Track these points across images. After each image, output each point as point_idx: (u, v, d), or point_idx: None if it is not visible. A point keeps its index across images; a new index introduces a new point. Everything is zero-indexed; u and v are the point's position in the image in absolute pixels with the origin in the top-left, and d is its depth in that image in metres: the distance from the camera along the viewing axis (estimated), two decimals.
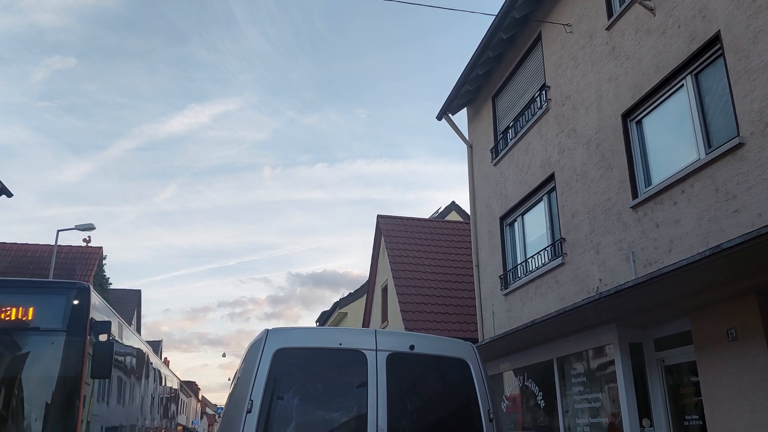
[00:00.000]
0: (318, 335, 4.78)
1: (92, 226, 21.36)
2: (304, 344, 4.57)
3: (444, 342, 4.96)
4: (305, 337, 4.67)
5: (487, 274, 13.81)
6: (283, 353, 4.40)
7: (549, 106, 11.23)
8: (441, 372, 4.79)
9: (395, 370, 4.48)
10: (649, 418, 8.04)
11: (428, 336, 5.03)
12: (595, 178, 9.63)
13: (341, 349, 4.53)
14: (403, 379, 4.51)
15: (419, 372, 4.68)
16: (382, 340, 4.62)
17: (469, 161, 15.09)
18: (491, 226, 13.68)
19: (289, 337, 4.57)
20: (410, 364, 4.60)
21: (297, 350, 4.50)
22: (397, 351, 4.59)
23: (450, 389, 4.82)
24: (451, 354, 4.81)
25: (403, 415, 4.40)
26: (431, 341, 4.90)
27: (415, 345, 4.67)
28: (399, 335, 4.88)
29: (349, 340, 4.59)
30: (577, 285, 9.92)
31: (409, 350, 4.64)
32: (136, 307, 38.05)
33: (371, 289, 21.45)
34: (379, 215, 20.45)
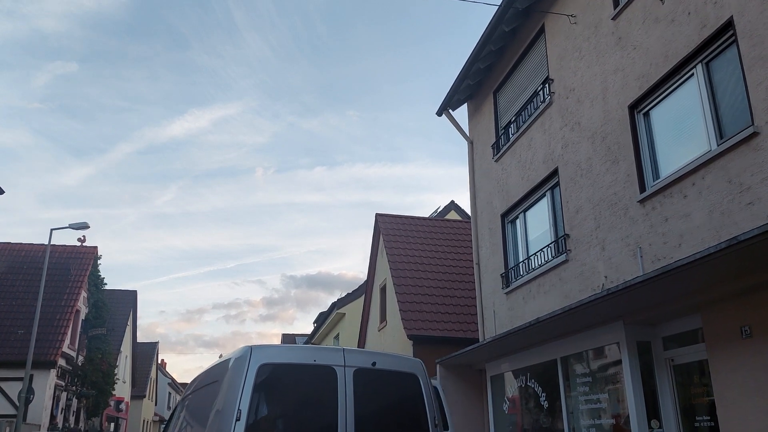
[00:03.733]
0: (295, 352, 5.43)
1: (86, 225, 21.04)
2: (283, 360, 5.18)
3: (399, 359, 5.78)
4: (284, 354, 5.33)
5: (488, 272, 13.52)
6: (265, 368, 4.96)
7: (552, 100, 10.97)
8: (397, 384, 5.49)
9: (360, 383, 5.18)
10: (657, 420, 7.76)
11: (387, 354, 5.84)
12: (600, 173, 9.36)
13: (315, 365, 5.18)
14: (366, 390, 5.18)
15: (379, 384, 5.36)
16: (349, 358, 5.31)
17: (469, 158, 14.82)
18: (492, 223, 13.40)
19: (270, 353, 5.15)
20: (372, 378, 5.30)
21: (277, 365, 5.08)
22: (361, 367, 5.30)
23: (404, 399, 5.50)
24: (405, 369, 5.60)
25: (367, 421, 5.06)
26: (389, 358, 5.67)
27: (376, 362, 5.42)
28: (363, 353, 5.58)
29: (322, 357, 5.26)
30: (581, 282, 9.64)
31: (372, 366, 5.37)
32: (132, 307, 37.67)
33: (369, 288, 21.15)
34: (377, 214, 20.18)
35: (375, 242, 20.59)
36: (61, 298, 24.35)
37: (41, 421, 21.45)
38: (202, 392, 5.69)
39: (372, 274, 20.99)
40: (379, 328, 19.44)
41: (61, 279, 25.17)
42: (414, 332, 15.62)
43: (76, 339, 25.32)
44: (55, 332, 22.92)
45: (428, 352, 15.17)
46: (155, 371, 52.18)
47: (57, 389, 23.18)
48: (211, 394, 5.18)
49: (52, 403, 22.70)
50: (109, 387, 28.12)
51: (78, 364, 25.53)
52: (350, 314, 26.53)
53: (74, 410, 25.81)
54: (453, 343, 15.17)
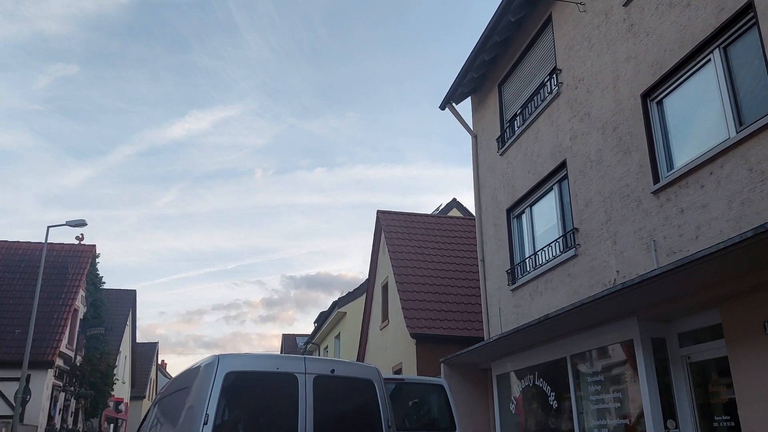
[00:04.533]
0: (259, 361, 5.74)
1: (83, 222, 20.74)
2: (248, 368, 5.50)
3: (357, 366, 6.21)
4: (249, 362, 5.62)
5: (493, 269, 13.22)
6: (231, 375, 5.28)
7: (560, 90, 10.66)
8: (354, 390, 5.83)
9: (320, 388, 5.53)
10: (674, 420, 7.45)
11: (344, 361, 6.27)
12: (611, 164, 9.05)
13: (278, 372, 5.50)
14: (325, 395, 5.54)
15: (338, 390, 5.72)
16: (309, 365, 5.65)
17: (473, 152, 14.51)
18: (497, 218, 13.10)
19: (236, 362, 5.45)
20: (331, 383, 5.66)
21: (243, 373, 5.40)
22: (321, 374, 5.63)
23: (360, 403, 5.85)
24: (361, 375, 5.94)
25: (325, 423, 5.42)
26: (347, 366, 6.09)
27: (335, 369, 5.77)
28: (323, 361, 5.91)
29: (284, 365, 5.59)
30: (591, 278, 9.33)
31: (331, 373, 5.71)
32: (131, 307, 37.37)
33: (371, 287, 20.85)
34: (379, 211, 19.89)
35: (376, 240, 20.29)
36: (59, 297, 24.05)
37: (38, 422, 21.14)
38: (174, 396, 6.01)
39: (373, 272, 20.69)
40: (381, 327, 19.14)
41: (59, 278, 24.87)
42: (417, 331, 15.32)
43: (74, 339, 25.03)
44: (53, 332, 22.61)
45: (431, 351, 14.91)
46: (155, 372, 51.88)
47: (54, 389, 22.88)
48: (182, 399, 5.56)
49: (50, 403, 22.40)
50: (107, 387, 27.82)
51: (76, 364, 25.23)
52: (351, 313, 26.23)
53: (72, 411, 25.50)
54: (457, 341, 14.89)
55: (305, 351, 39.48)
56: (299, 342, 56.09)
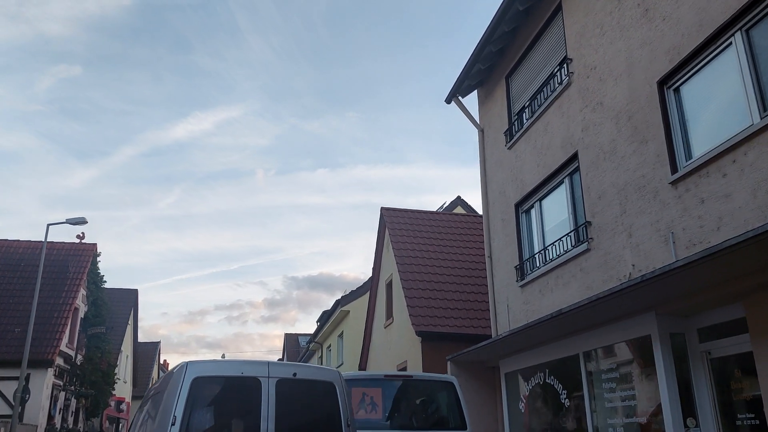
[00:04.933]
0: (225, 366, 6.16)
1: (84, 220, 20.48)
2: (214, 373, 5.91)
3: (318, 369, 6.52)
4: (216, 367, 6.04)
5: (500, 265, 12.93)
6: (198, 380, 5.68)
7: (571, 80, 10.37)
8: (315, 391, 6.17)
9: (282, 391, 5.88)
10: (693, 418, 7.16)
11: (307, 365, 6.55)
12: (626, 154, 8.76)
13: (242, 377, 5.89)
14: (287, 397, 5.90)
15: (299, 392, 6.04)
16: (272, 370, 6.01)
17: (480, 146, 14.22)
18: (505, 214, 12.80)
19: (203, 367, 5.87)
20: (293, 386, 6.00)
21: (209, 378, 5.82)
22: (283, 377, 5.98)
23: (321, 404, 6.16)
24: (323, 378, 6.29)
25: (286, 423, 5.77)
26: (309, 369, 6.40)
27: (297, 373, 6.11)
28: (286, 365, 6.28)
29: (249, 370, 5.95)
30: (605, 272, 9.04)
31: (293, 376, 6.05)
32: (133, 306, 37.16)
33: (375, 284, 20.58)
34: (383, 208, 19.61)
35: (380, 237, 20.02)
36: (59, 296, 23.80)
37: (38, 422, 20.88)
38: (152, 400, 6.46)
39: (377, 269, 20.41)
40: (386, 325, 18.86)
41: (60, 276, 24.62)
42: (422, 328, 15.04)
43: (74, 337, 24.78)
44: (53, 330, 22.36)
45: (437, 349, 14.63)
46: (157, 371, 51.61)
47: (55, 389, 22.63)
48: (157, 402, 6.00)
49: (50, 403, 22.15)
50: (108, 387, 27.57)
51: (77, 363, 24.98)
52: (355, 312, 25.96)
53: (73, 410, 25.24)
54: (463, 339, 14.62)
55: (308, 350, 39.21)
56: (302, 341, 55.87)
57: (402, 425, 6.95)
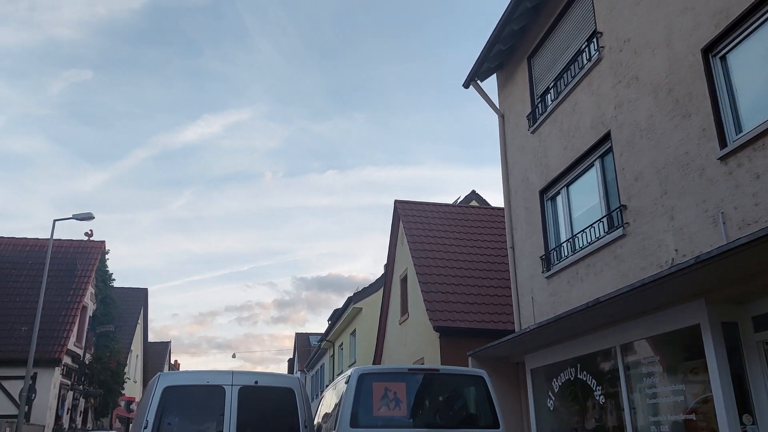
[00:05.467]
0: (193, 376, 7.06)
1: (91, 215, 20.01)
2: (183, 383, 6.76)
3: (279, 376, 7.31)
4: (185, 378, 7.03)
5: (524, 256, 12.27)
6: (169, 389, 6.49)
7: (602, 55, 9.71)
8: (275, 397, 6.84)
9: (244, 397, 6.58)
10: (750, 414, 6.50)
11: (268, 373, 7.56)
12: (666, 131, 8.09)
13: (208, 385, 6.64)
14: (249, 403, 6.58)
15: (260, 398, 6.73)
16: (236, 378, 6.74)
17: (500, 133, 13.58)
18: (529, 202, 12.15)
19: (174, 378, 6.83)
20: (255, 393, 6.71)
21: (179, 387, 6.62)
22: (246, 385, 6.69)
23: (281, 407, 6.80)
24: (282, 384, 6.99)
25: (246, 425, 6.51)
26: (270, 377, 7.18)
27: (258, 380, 6.82)
28: (248, 374, 6.95)
29: (214, 379, 6.72)
30: (643, 259, 8.37)
31: (254, 384, 6.75)
32: (143, 305, 36.75)
33: (389, 280, 19.96)
34: (396, 200, 19.00)
35: (394, 230, 19.40)
36: (67, 294, 23.36)
37: (45, 422, 20.43)
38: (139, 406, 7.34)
39: (391, 264, 19.80)
40: (400, 321, 18.25)
41: (68, 274, 24.19)
42: (440, 324, 14.41)
43: (83, 336, 24.33)
44: (60, 329, 21.91)
45: (455, 345, 14.00)
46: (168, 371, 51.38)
47: (62, 388, 22.18)
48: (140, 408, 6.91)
49: (57, 402, 21.69)
50: (118, 386, 27.13)
51: (85, 362, 24.53)
52: (368, 309, 25.37)
53: (81, 410, 24.79)
54: (483, 335, 13.96)
55: (319, 349, 38.67)
56: (312, 340, 55.39)
57: (427, 423, 6.34)
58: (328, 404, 8.35)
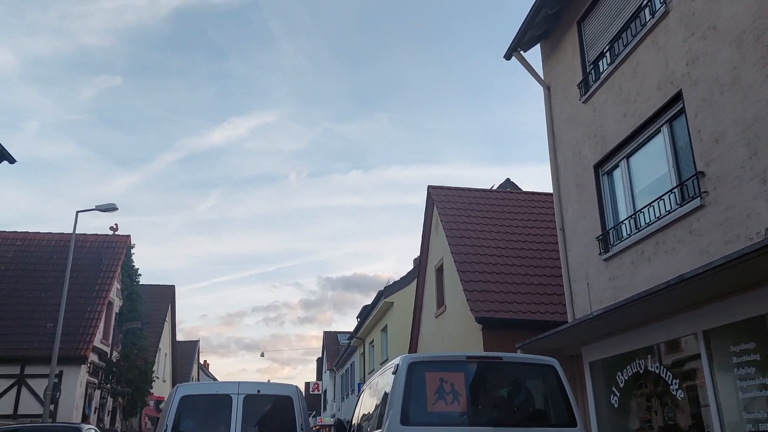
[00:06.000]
0: (205, 387, 9.19)
1: (114, 206, 19.40)
2: (197, 392, 8.07)
3: (278, 386, 8.44)
4: (198, 388, 8.72)
5: (576, 238, 11.21)
6: (185, 398, 7.71)
7: (669, 8, 8.62)
8: (276, 403, 7.96)
9: (248, 404, 7.71)
10: None
11: (269, 383, 8.75)
12: (755, 82, 6.99)
13: (218, 394, 7.85)
14: (253, 409, 7.73)
15: (263, 404, 7.90)
16: (241, 388, 7.83)
17: (546, 105, 12.51)
18: (581, 178, 11.08)
19: (189, 388, 8.10)
20: (257, 400, 7.84)
21: (193, 396, 7.86)
22: (249, 393, 7.80)
23: (280, 413, 7.89)
24: (281, 393, 8.07)
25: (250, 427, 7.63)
26: (271, 386, 8.39)
27: (260, 390, 7.97)
28: (252, 384, 8.01)
29: (223, 389, 7.95)
30: (727, 231, 7.28)
31: (257, 393, 7.88)
32: (170, 302, 36.31)
33: (423, 271, 18.99)
34: (430, 186, 18.02)
35: (428, 218, 18.42)
36: (92, 290, 22.84)
37: (71, 421, 19.86)
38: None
39: (425, 254, 18.82)
40: (436, 314, 17.27)
41: (93, 269, 23.68)
42: (483, 315, 13.39)
43: (109, 333, 23.81)
44: (86, 325, 21.38)
45: (500, 338, 12.98)
46: (197, 371, 50.99)
47: (89, 387, 21.64)
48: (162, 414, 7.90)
49: (84, 401, 21.16)
50: (146, 385, 26.55)
51: (112, 360, 24.00)
52: (400, 303, 24.47)
53: (109, 410, 24.28)
54: (528, 326, 12.93)
55: (348, 347, 37.85)
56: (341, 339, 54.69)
57: (491, 420, 5.37)
58: (368, 401, 7.44)
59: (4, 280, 22.74)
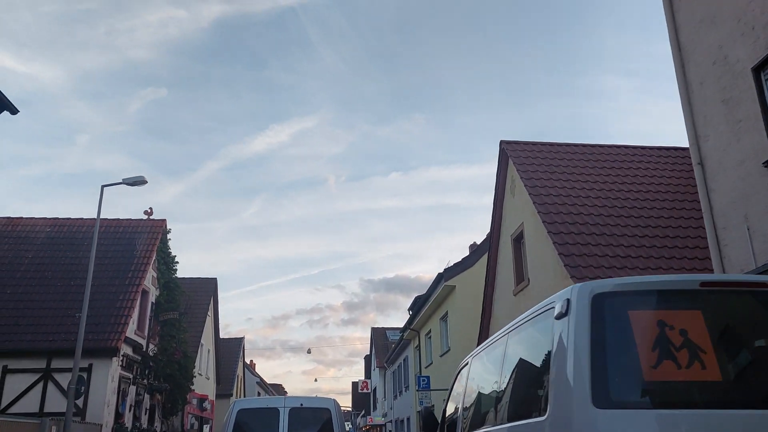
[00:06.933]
0: (257, 401, 11.43)
1: (143, 179, 17.30)
2: (251, 406, 9.96)
3: (318, 400, 10.37)
4: (252, 403, 10.51)
5: (724, 171, 8.45)
6: (242, 411, 9.52)
7: None
8: (316, 415, 9.63)
9: (293, 416, 9.37)
10: None
11: (310, 397, 11.02)
12: None
13: (268, 408, 9.66)
14: (296, 420, 9.36)
15: (305, 416, 9.51)
16: (287, 402, 9.67)
17: (666, 7, 9.75)
18: (730, 90, 8.31)
19: (245, 403, 10.02)
20: (301, 412, 9.51)
21: (248, 409, 9.73)
22: (294, 407, 9.52)
23: (320, 423, 9.50)
24: (321, 406, 9.85)
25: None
26: (312, 400, 10.26)
27: (303, 403, 9.72)
28: (296, 398, 9.98)
29: (272, 403, 9.82)
30: None
31: (300, 406, 9.59)
32: (212, 296, 34.38)
33: (495, 243, 16.31)
34: (503, 141, 15.38)
35: (500, 181, 15.74)
36: (125, 276, 20.86)
37: (103, 420, 17.86)
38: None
39: (497, 223, 16.13)
40: (516, 290, 14.58)
41: (126, 255, 21.74)
42: None
43: (145, 324, 21.81)
44: (118, 315, 19.37)
45: None
46: (242, 369, 49.16)
47: (122, 382, 19.62)
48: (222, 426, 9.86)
49: (117, 398, 19.13)
50: (186, 381, 24.50)
51: (149, 353, 22.01)
52: (462, 286, 21.80)
53: (146, 408, 22.25)
54: None
55: (401, 341, 35.32)
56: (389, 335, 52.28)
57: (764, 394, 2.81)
58: (482, 379, 4.95)
59: (32, 268, 20.97)
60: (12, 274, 20.63)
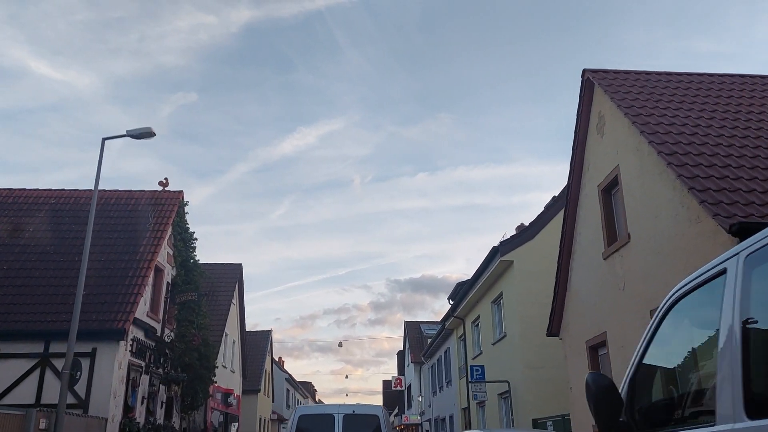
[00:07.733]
0: (315, 408, 13.92)
1: (149, 131, 14.77)
2: (310, 412, 11.78)
3: (368, 407, 11.79)
4: (311, 409, 13.37)
5: None
6: (302, 416, 11.13)
7: None
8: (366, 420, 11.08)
9: (346, 421, 10.86)
10: None
11: (361, 404, 11.94)
12: None
13: (324, 414, 11.23)
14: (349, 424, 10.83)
15: (357, 421, 10.95)
16: (341, 409, 11.20)
17: None
18: None
19: (305, 410, 11.74)
20: (353, 418, 10.97)
21: (308, 415, 11.36)
22: (347, 413, 11.03)
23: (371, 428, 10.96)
24: (371, 412, 11.33)
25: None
26: (363, 407, 11.64)
27: (355, 410, 11.21)
28: (348, 406, 11.44)
29: (328, 410, 11.42)
30: None
31: (352, 413, 11.08)
32: (237, 282, 31.90)
33: (573, 199, 13.35)
34: (586, 70, 12.47)
35: (583, 118, 12.78)
36: (136, 252, 18.37)
37: (108, 413, 15.34)
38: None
39: (577, 170, 13.19)
40: (607, 253, 11.65)
41: (137, 229, 19.27)
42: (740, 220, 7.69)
43: (159, 306, 19.28)
44: (126, 293, 16.88)
45: None
46: (270, 364, 46.65)
47: (132, 370, 17.10)
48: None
49: (126, 388, 16.60)
50: (208, 372, 21.92)
51: (164, 339, 19.49)
52: (522, 263, 18.85)
53: (162, 401, 19.72)
54: None
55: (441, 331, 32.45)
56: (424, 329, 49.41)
57: None
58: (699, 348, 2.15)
59: (32, 243, 18.60)
60: (10, 249, 18.29)
